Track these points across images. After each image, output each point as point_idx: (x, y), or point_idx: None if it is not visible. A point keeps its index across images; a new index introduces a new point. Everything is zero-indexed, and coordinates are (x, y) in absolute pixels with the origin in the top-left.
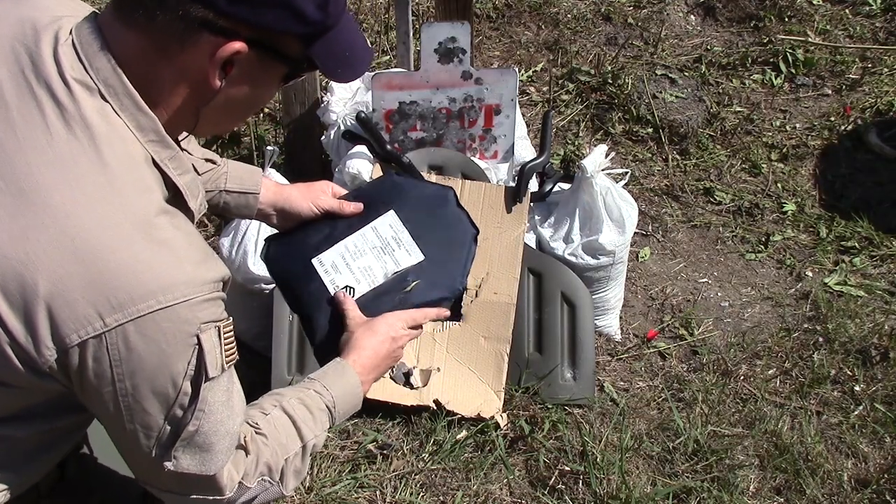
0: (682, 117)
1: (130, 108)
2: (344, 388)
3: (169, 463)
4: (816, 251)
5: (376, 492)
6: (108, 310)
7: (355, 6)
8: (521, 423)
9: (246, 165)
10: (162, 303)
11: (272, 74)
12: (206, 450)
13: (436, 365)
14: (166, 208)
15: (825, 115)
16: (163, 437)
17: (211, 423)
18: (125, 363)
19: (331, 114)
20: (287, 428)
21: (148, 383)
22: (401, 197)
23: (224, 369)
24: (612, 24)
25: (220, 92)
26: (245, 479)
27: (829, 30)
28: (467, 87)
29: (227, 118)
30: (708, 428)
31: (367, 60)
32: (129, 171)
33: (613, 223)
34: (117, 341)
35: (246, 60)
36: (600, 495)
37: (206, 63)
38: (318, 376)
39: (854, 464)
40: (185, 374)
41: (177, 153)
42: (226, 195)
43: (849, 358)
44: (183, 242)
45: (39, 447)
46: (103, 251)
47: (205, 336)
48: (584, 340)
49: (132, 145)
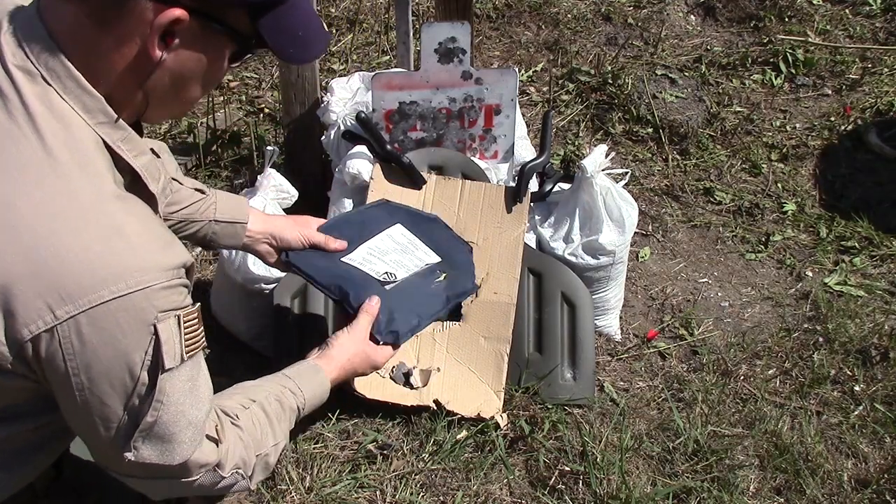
0: (682, 117)
1: (74, 90)
2: (314, 392)
3: (129, 454)
4: (816, 251)
5: (376, 492)
6: (58, 302)
7: (355, 6)
8: (521, 423)
9: (233, 195)
10: (115, 292)
11: (218, 49)
12: (168, 440)
13: (436, 365)
14: (118, 193)
15: (825, 115)
16: (122, 428)
17: (171, 413)
18: (79, 356)
19: (331, 114)
20: (264, 426)
21: (104, 376)
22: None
23: (184, 360)
24: (612, 24)
25: (162, 65)
26: (220, 468)
27: (829, 30)
28: (467, 87)
29: (176, 98)
30: (708, 428)
31: (322, 42)
32: (76, 157)
33: (613, 223)
34: (70, 334)
35: (189, 31)
36: (600, 495)
37: (146, 31)
38: (294, 376)
39: (854, 464)
40: (143, 365)
41: (129, 134)
42: (214, 225)
43: (849, 358)
44: (137, 228)
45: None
46: (49, 241)
47: (162, 326)
48: (584, 340)
49: (79, 129)
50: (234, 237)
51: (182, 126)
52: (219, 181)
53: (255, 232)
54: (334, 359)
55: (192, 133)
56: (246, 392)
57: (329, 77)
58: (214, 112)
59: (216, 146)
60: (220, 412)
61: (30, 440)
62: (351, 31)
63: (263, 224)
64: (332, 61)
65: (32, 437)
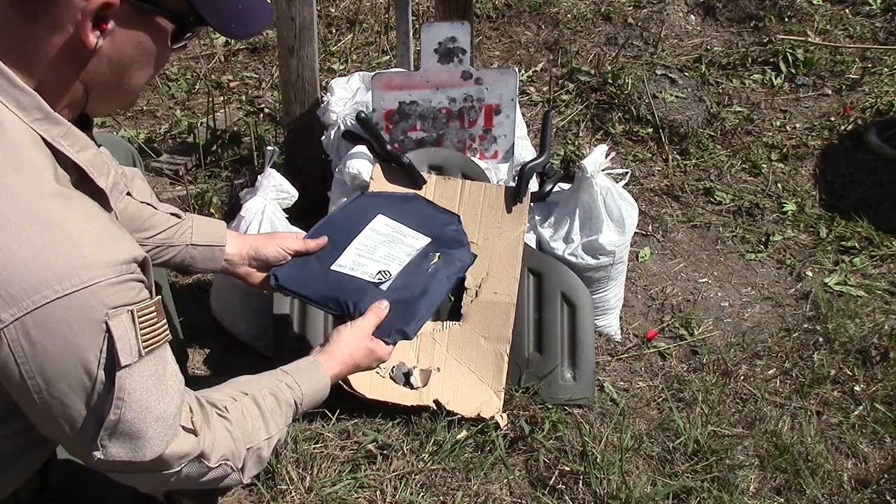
0: (682, 117)
1: (6, 87)
2: (313, 388)
3: (98, 452)
4: (816, 251)
5: (376, 492)
6: (2, 305)
7: (355, 6)
8: (521, 423)
9: (210, 219)
10: (59, 291)
11: (156, 31)
12: (136, 437)
13: (436, 365)
14: (59, 191)
15: (825, 115)
16: (87, 428)
17: (135, 410)
18: (31, 359)
19: (331, 114)
20: (255, 419)
21: (61, 377)
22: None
23: (142, 355)
24: (612, 24)
25: (98, 52)
26: (205, 459)
27: (829, 30)
28: (467, 87)
29: (119, 86)
30: (708, 428)
31: (264, 14)
32: (10, 156)
33: (613, 223)
34: (18, 337)
35: (122, 14)
36: (600, 495)
37: (77, 18)
38: (292, 371)
39: (854, 464)
40: (99, 363)
41: (69, 129)
42: (192, 249)
43: (849, 358)
44: (80, 225)
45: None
46: None
47: (114, 322)
48: (584, 340)
49: (13, 127)
50: (213, 261)
51: (182, 126)
52: (219, 181)
53: (233, 254)
54: (335, 354)
55: (192, 133)
56: (237, 385)
57: (329, 77)
58: (214, 112)
59: (216, 146)
60: (204, 403)
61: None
62: (351, 31)
63: (240, 246)
64: (332, 61)
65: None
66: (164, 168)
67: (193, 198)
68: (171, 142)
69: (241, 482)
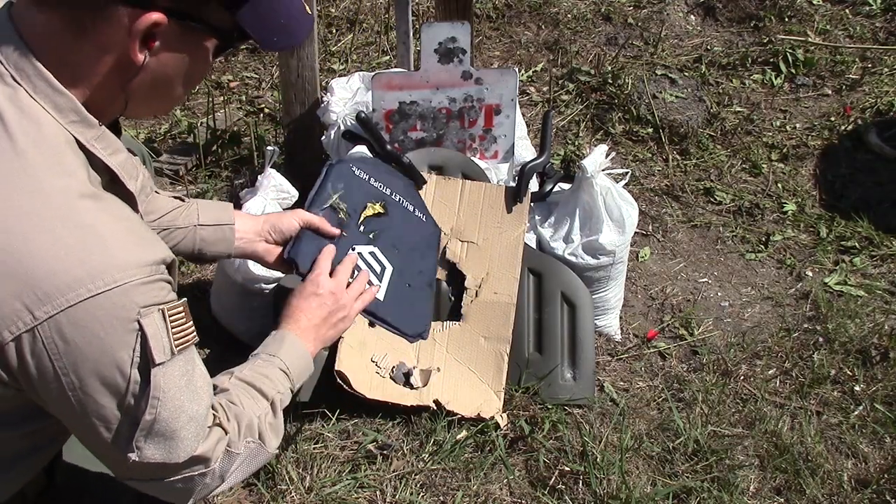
0: (682, 117)
1: (45, 89)
2: (290, 354)
3: (133, 454)
4: (816, 251)
5: (376, 492)
6: (36, 303)
7: (355, 6)
8: (521, 423)
9: (215, 202)
10: (92, 290)
11: (201, 47)
12: (170, 437)
13: (436, 365)
14: (91, 192)
15: (825, 115)
16: (122, 429)
17: (169, 409)
18: (65, 356)
19: (331, 114)
20: (248, 391)
21: (94, 375)
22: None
23: (174, 353)
24: (612, 24)
25: (144, 68)
26: (231, 446)
27: (829, 30)
28: (467, 87)
29: (159, 97)
30: (708, 428)
31: (306, 26)
32: (46, 157)
33: (613, 223)
34: (52, 334)
35: (169, 32)
36: (600, 495)
37: (125, 37)
38: (259, 350)
39: (854, 464)
40: (132, 362)
41: (103, 133)
42: (200, 230)
43: (849, 358)
44: (111, 225)
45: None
46: (22, 242)
47: (146, 321)
48: (584, 340)
49: (50, 128)
50: (224, 241)
51: (182, 126)
52: (219, 181)
53: (248, 231)
54: (289, 317)
55: (192, 133)
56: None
57: (329, 77)
58: (214, 112)
59: (216, 146)
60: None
61: (16, 448)
62: (351, 31)
63: (253, 222)
64: (332, 61)
65: (18, 444)
66: (164, 168)
67: (193, 198)
68: (171, 142)
69: (270, 454)
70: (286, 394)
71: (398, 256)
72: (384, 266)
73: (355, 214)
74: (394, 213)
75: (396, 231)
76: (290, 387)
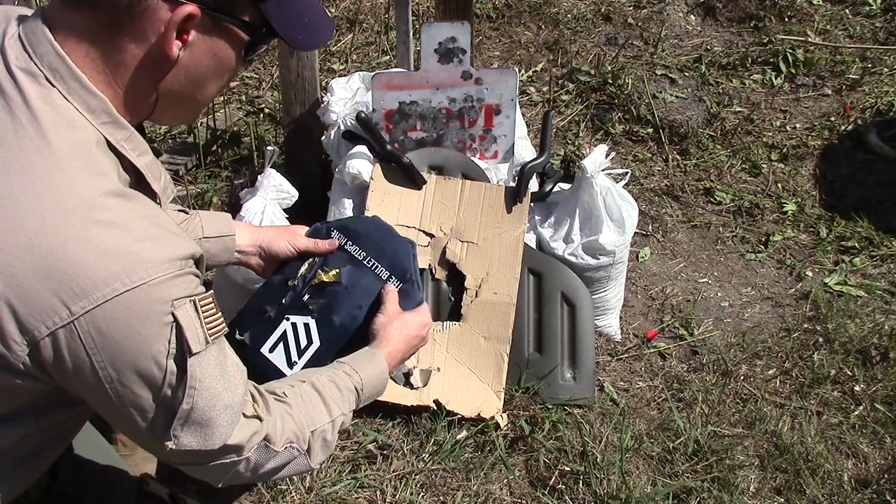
0: (682, 117)
1: (78, 90)
2: (372, 373)
3: (170, 443)
4: (816, 251)
5: (376, 492)
6: (72, 298)
7: (355, 6)
8: (521, 423)
9: (214, 212)
10: (127, 284)
11: (231, 42)
12: (206, 425)
13: (436, 365)
14: (121, 191)
15: (825, 115)
16: (158, 419)
17: (206, 398)
18: (102, 350)
19: (331, 114)
20: (315, 402)
21: (131, 367)
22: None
23: (209, 342)
24: (612, 24)
25: (178, 63)
26: (270, 443)
27: (829, 30)
28: (467, 87)
29: (189, 99)
30: (708, 428)
31: (329, 27)
32: (79, 157)
33: (613, 223)
34: (88, 329)
35: (202, 26)
36: (600, 495)
37: (160, 30)
38: (348, 360)
39: (854, 464)
40: (168, 353)
41: (132, 134)
42: (205, 242)
43: (849, 358)
44: (141, 222)
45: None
46: (57, 239)
47: (180, 312)
48: (584, 340)
49: (82, 129)
50: (227, 251)
51: (182, 126)
52: (219, 181)
53: (246, 245)
54: (384, 338)
55: (192, 133)
56: (297, 376)
57: (329, 77)
58: (214, 112)
59: (216, 146)
60: (263, 391)
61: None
62: (351, 31)
63: (251, 236)
64: (332, 61)
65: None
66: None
67: (193, 198)
68: (171, 142)
69: (311, 468)
70: (349, 414)
71: (333, 332)
72: (311, 341)
73: (305, 280)
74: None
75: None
76: (355, 407)
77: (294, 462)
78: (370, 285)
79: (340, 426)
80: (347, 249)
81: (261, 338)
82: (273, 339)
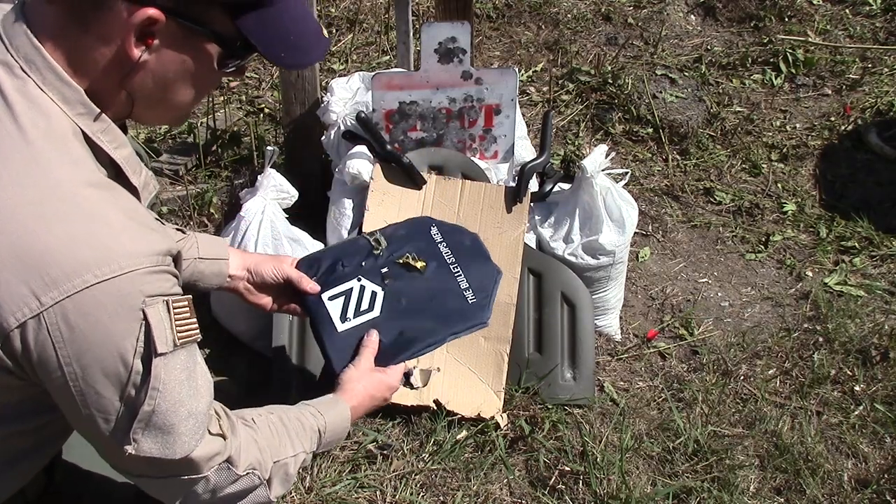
0: (682, 117)
1: (53, 81)
2: (335, 419)
3: (129, 447)
4: (816, 251)
5: (376, 492)
6: (43, 288)
7: (355, 6)
8: (521, 423)
9: (211, 236)
10: (99, 276)
11: (201, 51)
12: (168, 431)
13: (436, 365)
14: (98, 181)
15: (825, 115)
16: (120, 421)
17: (168, 402)
18: (69, 344)
19: (331, 114)
20: (281, 433)
21: (97, 364)
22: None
23: (177, 345)
24: (612, 24)
25: (144, 66)
26: (233, 465)
27: (829, 30)
28: (467, 87)
29: (163, 101)
30: (708, 428)
31: (319, 48)
32: (54, 146)
33: (613, 223)
34: (57, 321)
35: (168, 32)
36: (600, 495)
37: (123, 31)
38: (313, 402)
39: (854, 464)
40: (135, 352)
41: (109, 126)
42: (200, 263)
43: (849, 358)
44: (118, 214)
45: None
46: (30, 228)
47: (151, 310)
48: (584, 340)
49: (58, 120)
50: (219, 275)
51: (182, 126)
52: (219, 181)
53: (235, 269)
54: (348, 390)
55: (192, 133)
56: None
57: (329, 77)
58: (214, 112)
59: (216, 146)
60: (230, 413)
61: (18, 445)
62: (351, 31)
63: (241, 260)
64: (332, 61)
65: (21, 442)
66: (164, 168)
67: (193, 198)
68: (171, 142)
69: (269, 499)
70: (309, 455)
71: (397, 311)
72: (372, 308)
73: (390, 255)
74: (433, 277)
75: (419, 292)
76: (315, 450)
77: (254, 492)
78: (446, 292)
79: (302, 463)
80: (441, 250)
81: (327, 285)
82: (338, 290)
